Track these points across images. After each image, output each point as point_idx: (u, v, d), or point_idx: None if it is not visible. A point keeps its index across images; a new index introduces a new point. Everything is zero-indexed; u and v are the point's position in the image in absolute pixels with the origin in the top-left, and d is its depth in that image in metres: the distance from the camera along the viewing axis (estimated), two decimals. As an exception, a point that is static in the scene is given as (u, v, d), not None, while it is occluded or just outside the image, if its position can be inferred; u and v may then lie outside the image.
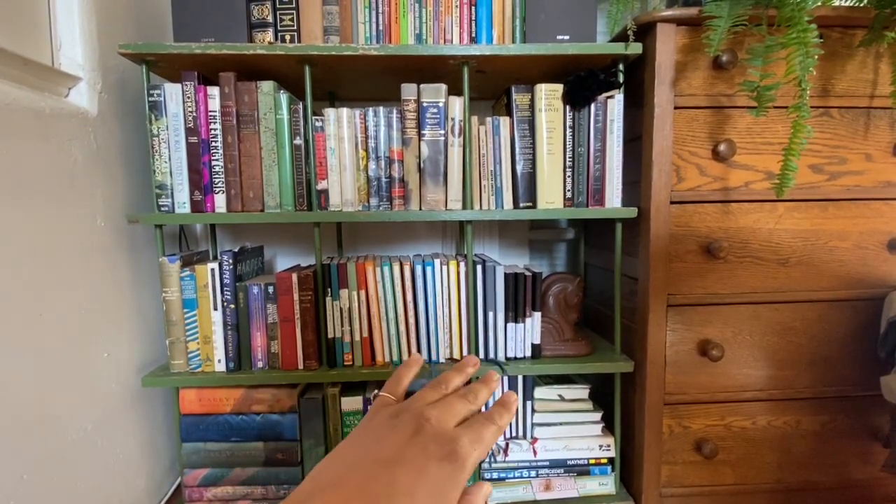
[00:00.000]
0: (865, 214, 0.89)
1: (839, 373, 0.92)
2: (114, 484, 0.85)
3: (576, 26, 0.89)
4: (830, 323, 0.91)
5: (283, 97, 0.86)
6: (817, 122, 0.87)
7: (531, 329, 0.94)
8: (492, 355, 0.94)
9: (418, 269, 0.91)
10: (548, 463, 0.97)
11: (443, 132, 0.88)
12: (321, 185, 0.89)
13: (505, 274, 0.92)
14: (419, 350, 0.93)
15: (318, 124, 0.87)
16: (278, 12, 0.87)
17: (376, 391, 0.38)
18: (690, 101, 0.85)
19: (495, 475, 0.97)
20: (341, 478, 0.27)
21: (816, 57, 0.71)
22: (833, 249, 0.89)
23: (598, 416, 0.98)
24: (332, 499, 0.26)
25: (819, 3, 0.80)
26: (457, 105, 0.87)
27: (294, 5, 0.87)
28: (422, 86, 0.87)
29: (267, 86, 0.86)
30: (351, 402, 0.93)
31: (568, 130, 0.90)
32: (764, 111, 0.76)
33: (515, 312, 0.93)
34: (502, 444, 0.97)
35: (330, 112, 0.87)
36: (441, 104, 0.87)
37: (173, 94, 0.85)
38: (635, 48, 0.85)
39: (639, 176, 0.90)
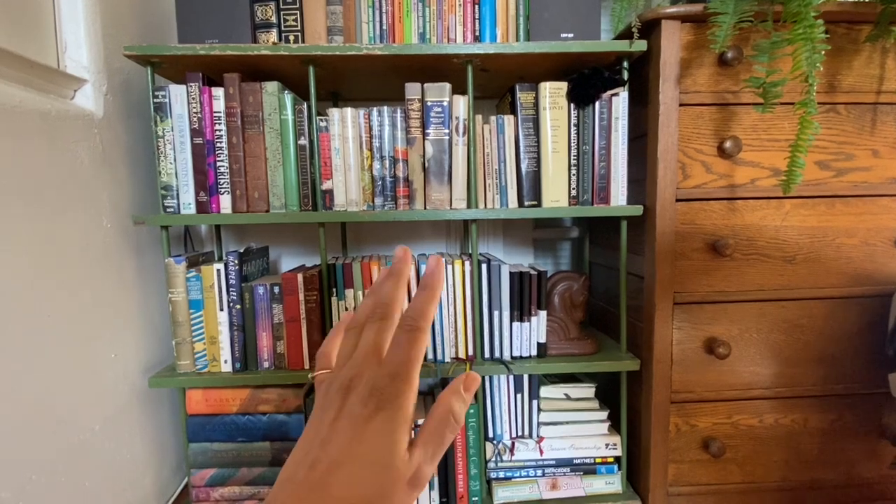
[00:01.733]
0: (872, 211, 0.88)
1: (847, 370, 0.92)
2: (121, 484, 0.85)
3: (580, 24, 0.89)
4: (837, 320, 0.90)
5: (288, 97, 0.86)
6: (824, 118, 0.86)
7: (536, 328, 0.94)
8: (497, 354, 0.94)
9: (423, 268, 0.91)
10: (554, 462, 0.97)
11: (447, 131, 0.88)
12: (326, 185, 0.89)
13: (510, 273, 0.92)
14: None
15: (323, 124, 0.87)
16: (282, 13, 0.88)
17: (311, 375, 0.33)
18: (696, 98, 0.85)
19: (501, 474, 0.97)
20: (292, 475, 0.27)
21: (823, 52, 0.71)
22: (840, 246, 0.89)
23: (604, 414, 0.97)
24: (287, 496, 0.26)
25: (825, -1, 0.80)
26: (461, 104, 0.87)
27: (298, 6, 0.87)
28: (426, 85, 0.87)
29: (271, 86, 0.86)
30: (357, 402, 0.93)
31: (572, 128, 0.90)
32: (770, 108, 0.76)
33: (521, 311, 0.93)
34: (508, 443, 0.97)
35: (334, 112, 0.87)
36: (445, 103, 0.87)
37: (178, 96, 0.85)
38: (640, 45, 0.85)
39: (644, 174, 0.90)
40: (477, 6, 0.90)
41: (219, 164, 0.87)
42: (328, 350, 0.35)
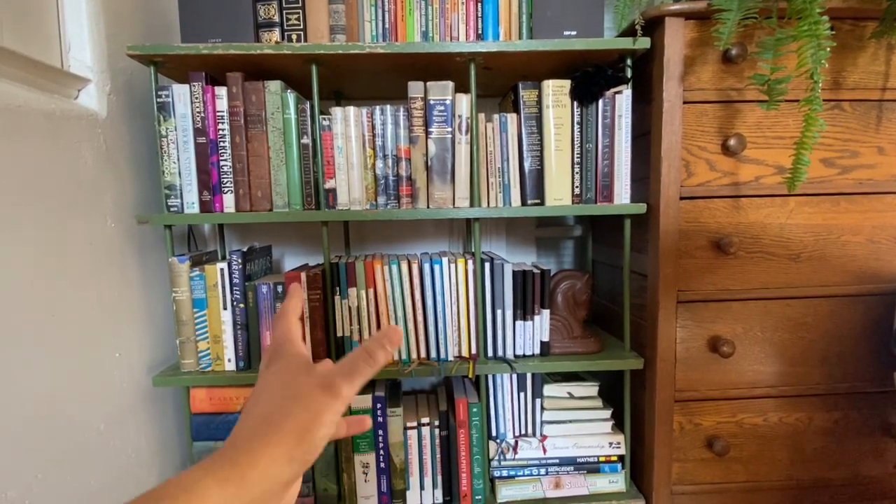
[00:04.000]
0: (878, 208, 0.88)
1: (851, 369, 0.91)
2: (126, 483, 0.85)
3: (583, 22, 0.88)
4: (842, 318, 0.90)
5: (291, 96, 0.86)
6: (828, 116, 0.86)
7: (540, 326, 0.93)
8: (500, 353, 0.94)
9: (426, 267, 0.91)
10: (557, 461, 0.97)
11: (450, 130, 0.87)
12: (329, 184, 0.89)
13: (513, 271, 0.91)
14: (427, 350, 0.93)
15: (326, 123, 0.87)
16: (285, 12, 0.87)
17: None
18: (699, 95, 0.84)
19: (505, 473, 0.97)
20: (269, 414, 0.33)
21: (828, 49, 0.70)
22: (845, 244, 0.89)
23: (607, 413, 0.97)
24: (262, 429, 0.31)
25: (830, -5, 0.79)
26: (464, 102, 0.87)
27: (300, 5, 0.87)
28: (428, 83, 0.86)
29: (274, 85, 0.86)
30: (359, 400, 0.93)
31: (576, 127, 0.89)
32: (774, 105, 0.76)
33: (524, 310, 0.93)
34: (512, 441, 0.97)
35: (337, 111, 0.87)
36: (448, 102, 0.87)
37: (181, 95, 0.85)
38: (643, 43, 0.84)
39: (648, 172, 0.90)
40: (479, 4, 0.90)
41: (222, 163, 0.87)
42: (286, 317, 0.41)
